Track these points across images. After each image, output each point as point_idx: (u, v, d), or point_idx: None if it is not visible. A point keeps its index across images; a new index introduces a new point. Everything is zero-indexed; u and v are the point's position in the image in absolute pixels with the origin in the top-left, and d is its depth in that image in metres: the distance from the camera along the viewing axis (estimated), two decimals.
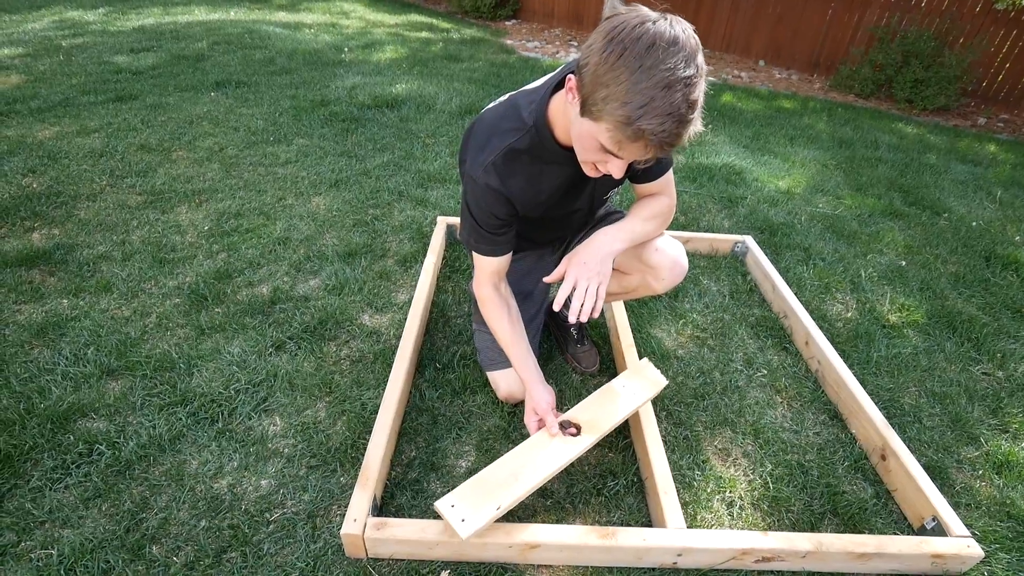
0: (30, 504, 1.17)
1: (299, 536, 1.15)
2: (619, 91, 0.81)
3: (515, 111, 1.12)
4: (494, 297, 1.29)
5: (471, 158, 1.13)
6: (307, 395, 1.47)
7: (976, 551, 1.14)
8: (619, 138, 0.85)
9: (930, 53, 4.67)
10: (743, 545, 1.11)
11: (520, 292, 1.47)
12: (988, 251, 2.42)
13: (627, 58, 0.79)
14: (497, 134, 1.12)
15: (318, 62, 4.39)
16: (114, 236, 2.06)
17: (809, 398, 1.60)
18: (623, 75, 0.80)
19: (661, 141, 0.83)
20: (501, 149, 1.10)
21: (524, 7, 7.61)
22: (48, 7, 5.79)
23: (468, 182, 1.15)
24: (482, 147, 1.12)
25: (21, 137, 2.78)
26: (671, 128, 0.81)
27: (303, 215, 2.27)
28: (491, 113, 1.16)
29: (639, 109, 0.80)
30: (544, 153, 1.12)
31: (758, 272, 2.07)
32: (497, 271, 1.27)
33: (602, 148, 0.91)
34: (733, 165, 3.05)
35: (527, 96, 1.13)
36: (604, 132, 0.87)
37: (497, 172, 1.12)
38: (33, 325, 1.63)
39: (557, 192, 1.21)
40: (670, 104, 0.80)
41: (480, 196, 1.14)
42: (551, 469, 1.16)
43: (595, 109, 0.85)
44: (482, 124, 1.16)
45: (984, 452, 1.47)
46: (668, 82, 0.79)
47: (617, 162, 0.93)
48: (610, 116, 0.83)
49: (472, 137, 1.16)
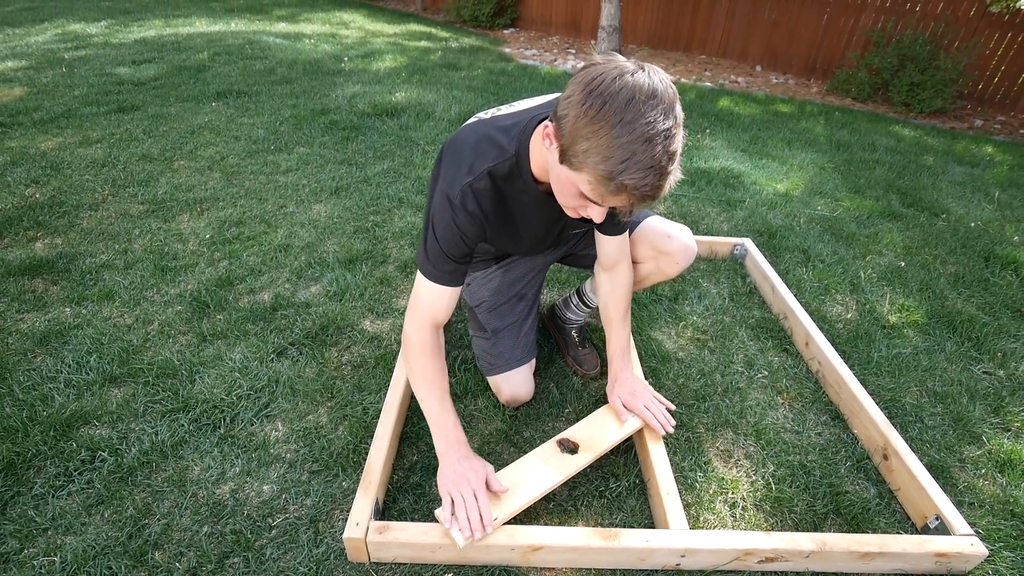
0: (33, 511, 1.17)
1: (301, 541, 1.15)
2: (600, 145, 0.80)
3: (496, 135, 1.10)
4: (430, 342, 1.16)
5: (448, 178, 1.09)
6: (309, 400, 1.48)
7: (980, 549, 1.13)
8: (600, 190, 0.85)
9: (926, 56, 4.71)
10: (746, 546, 1.11)
11: (514, 295, 1.49)
12: (987, 251, 2.43)
13: (606, 112, 0.79)
14: (479, 157, 1.09)
15: (318, 72, 4.42)
16: (116, 245, 2.08)
17: (810, 399, 1.60)
18: (603, 129, 0.80)
19: (643, 194, 0.83)
20: (482, 172, 1.08)
21: (522, 16, 7.68)
22: (51, 20, 5.86)
23: (441, 202, 1.10)
24: (461, 167, 1.09)
25: (24, 148, 2.80)
26: (653, 181, 0.81)
27: (304, 222, 2.28)
28: (470, 134, 1.13)
29: (621, 164, 0.80)
30: (521, 184, 1.11)
31: (757, 274, 2.08)
32: (441, 307, 1.16)
33: (582, 195, 0.91)
34: (731, 169, 3.07)
35: (502, 124, 1.11)
36: (585, 183, 0.87)
37: (475, 195, 1.09)
38: (36, 333, 1.63)
39: (533, 221, 1.21)
40: (651, 158, 0.80)
41: (453, 217, 1.09)
42: (548, 485, 1.18)
43: (575, 161, 0.85)
44: (461, 144, 1.12)
45: (986, 451, 1.47)
46: (648, 136, 0.79)
47: (597, 209, 0.93)
48: (591, 169, 0.83)
49: (449, 156, 1.12)
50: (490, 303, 1.49)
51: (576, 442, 1.28)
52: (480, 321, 1.50)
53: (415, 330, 1.16)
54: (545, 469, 1.21)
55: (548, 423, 1.47)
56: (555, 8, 7.23)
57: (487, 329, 1.48)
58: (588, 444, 1.28)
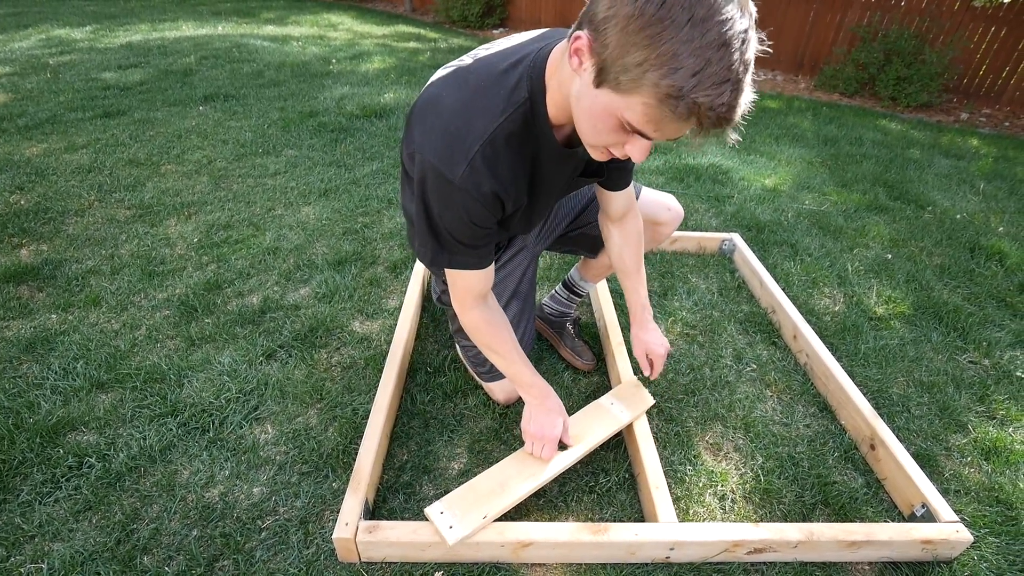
0: (19, 519, 1.17)
1: (292, 542, 1.15)
2: (663, 53, 0.62)
3: (495, 80, 0.87)
4: (489, 316, 1.12)
5: (441, 152, 0.86)
6: (298, 402, 1.47)
7: (965, 536, 1.14)
8: (659, 115, 0.67)
9: (911, 51, 4.74)
10: (734, 537, 1.12)
11: (511, 293, 1.38)
12: (972, 242, 2.45)
13: (672, 8, 0.61)
14: (480, 114, 0.85)
15: (306, 74, 4.41)
16: (103, 250, 2.06)
17: (798, 391, 1.61)
18: (667, 31, 0.61)
19: (718, 116, 0.65)
20: (487, 136, 0.85)
21: (511, 16, 7.68)
22: (35, 25, 5.80)
23: (437, 184, 0.88)
24: (460, 135, 0.85)
25: (8, 155, 2.78)
26: (729, 99, 0.64)
27: (293, 225, 2.28)
28: (454, 90, 0.88)
29: (692, 77, 0.62)
30: (538, 134, 0.89)
31: (746, 269, 2.09)
32: (486, 284, 1.08)
33: (624, 127, 0.72)
34: (719, 165, 3.08)
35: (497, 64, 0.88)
36: (637, 107, 0.68)
37: (488, 166, 0.86)
38: (22, 340, 1.62)
39: (547, 186, 1.01)
40: (727, 68, 0.62)
41: (462, 203, 0.88)
42: (538, 482, 1.19)
43: (624, 78, 0.66)
44: (445, 105, 0.87)
45: (972, 439, 1.48)
46: (725, 39, 0.61)
47: (642, 143, 0.75)
48: (650, 88, 0.65)
49: (432, 124, 0.87)
50: None
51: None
52: None
53: (466, 312, 1.11)
54: (535, 465, 1.22)
55: None
56: (544, 8, 7.24)
57: None
58: (578, 440, 1.29)
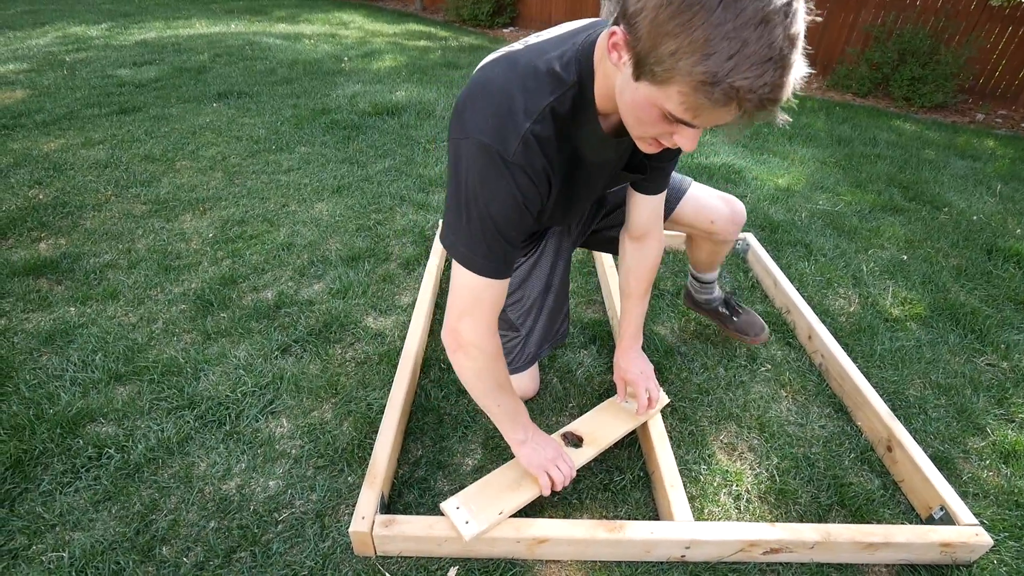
0: (41, 508, 1.18)
1: (308, 535, 1.16)
2: (695, 40, 0.59)
3: (545, 63, 0.83)
4: (495, 345, 0.98)
5: (489, 128, 0.81)
6: (313, 397, 1.48)
7: (985, 539, 1.13)
8: (696, 103, 0.64)
9: (926, 51, 4.70)
10: (751, 537, 1.11)
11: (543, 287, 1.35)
12: (989, 244, 2.43)
13: None
14: (532, 93, 0.82)
15: (318, 72, 4.43)
16: (120, 245, 2.08)
17: (814, 391, 1.60)
18: (698, 16, 0.58)
19: (762, 98, 0.60)
20: (542, 110, 0.82)
21: (521, 14, 7.68)
22: (52, 23, 5.87)
23: (486, 163, 0.82)
24: (512, 112, 0.81)
25: (27, 150, 2.81)
26: (773, 79, 0.59)
27: (306, 221, 2.29)
28: (504, 71, 0.84)
29: (728, 60, 0.58)
30: (585, 119, 0.86)
31: (759, 268, 2.08)
32: (501, 300, 0.96)
33: (667, 118, 0.70)
34: (732, 164, 3.07)
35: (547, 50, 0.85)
36: (674, 97, 0.65)
37: (540, 143, 0.83)
38: (41, 333, 1.64)
39: (595, 172, 0.98)
40: (768, 46, 0.58)
41: (516, 181, 0.83)
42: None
43: (659, 69, 0.64)
44: (496, 85, 0.83)
45: (991, 442, 1.47)
46: (764, 15, 0.57)
47: (690, 132, 0.72)
48: (685, 76, 0.62)
49: (482, 102, 0.83)
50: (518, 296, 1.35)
51: (580, 436, 1.29)
52: (511, 319, 1.36)
53: (474, 332, 0.95)
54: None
55: (552, 417, 1.48)
56: (554, 6, 7.23)
57: (519, 329, 1.37)
58: (593, 438, 1.29)
